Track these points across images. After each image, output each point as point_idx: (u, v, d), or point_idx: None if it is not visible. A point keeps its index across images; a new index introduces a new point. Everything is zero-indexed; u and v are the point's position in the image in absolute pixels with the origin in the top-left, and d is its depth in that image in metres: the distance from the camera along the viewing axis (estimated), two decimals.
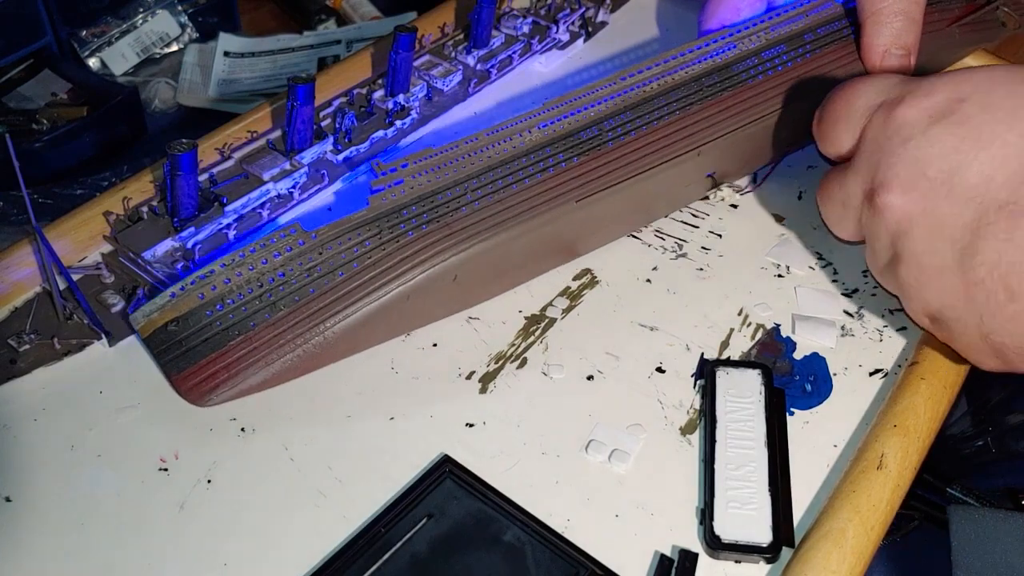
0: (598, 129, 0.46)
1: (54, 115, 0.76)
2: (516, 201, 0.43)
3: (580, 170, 0.44)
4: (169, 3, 0.90)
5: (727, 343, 0.44)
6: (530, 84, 0.60)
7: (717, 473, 0.37)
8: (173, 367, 0.39)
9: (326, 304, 0.40)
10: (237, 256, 0.40)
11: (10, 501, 0.37)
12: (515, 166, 0.44)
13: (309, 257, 0.40)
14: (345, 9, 0.98)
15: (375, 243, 0.41)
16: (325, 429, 0.40)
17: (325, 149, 0.52)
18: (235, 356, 0.39)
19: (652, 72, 0.48)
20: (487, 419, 0.40)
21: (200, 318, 0.39)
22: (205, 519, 0.37)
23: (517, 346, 0.44)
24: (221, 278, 0.40)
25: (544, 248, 0.45)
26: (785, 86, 0.48)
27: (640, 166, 0.45)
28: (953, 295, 0.36)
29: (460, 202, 0.43)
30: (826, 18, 0.51)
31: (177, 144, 0.44)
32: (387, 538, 0.35)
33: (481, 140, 0.45)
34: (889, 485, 0.37)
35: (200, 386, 0.39)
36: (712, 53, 0.49)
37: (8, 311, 0.44)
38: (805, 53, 0.50)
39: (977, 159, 0.35)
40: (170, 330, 0.39)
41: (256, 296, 0.40)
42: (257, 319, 0.39)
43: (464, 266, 0.42)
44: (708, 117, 0.47)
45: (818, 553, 0.35)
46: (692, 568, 0.35)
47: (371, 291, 0.40)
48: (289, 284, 0.40)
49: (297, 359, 0.40)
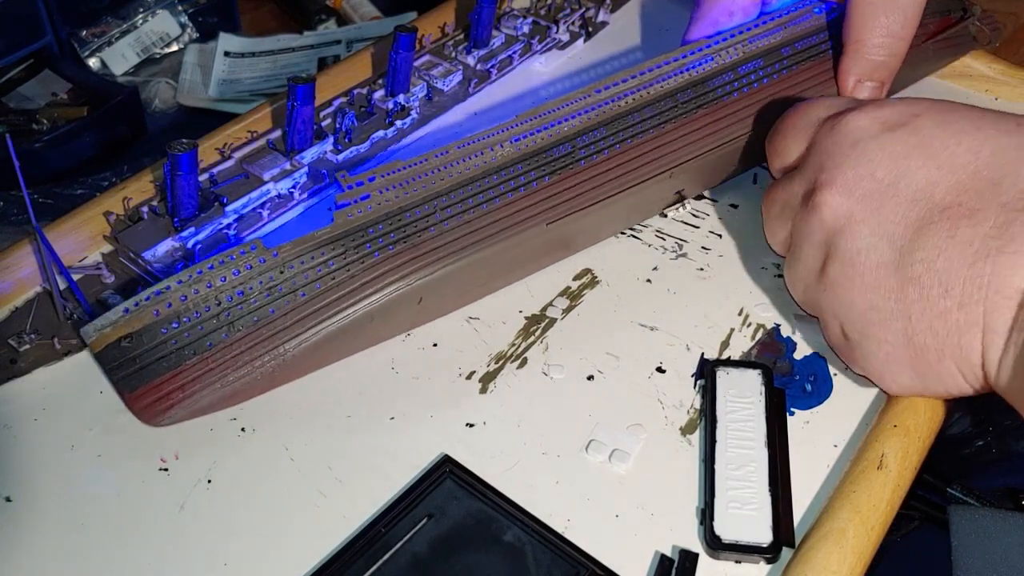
0: (571, 146, 0.45)
1: (54, 115, 0.76)
2: (486, 223, 0.42)
3: (551, 190, 0.44)
4: (169, 3, 0.90)
5: (727, 343, 0.44)
6: (530, 84, 0.60)
7: (717, 473, 0.37)
8: (126, 385, 0.38)
9: (287, 326, 0.39)
10: (195, 272, 0.39)
11: (10, 501, 0.37)
12: (485, 184, 0.43)
13: (270, 276, 0.39)
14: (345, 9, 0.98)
15: (339, 263, 0.40)
16: (325, 429, 0.40)
17: (325, 149, 0.52)
18: (191, 376, 0.38)
19: (627, 85, 0.47)
20: (487, 419, 0.40)
21: (155, 335, 0.38)
22: (205, 519, 0.37)
23: (517, 346, 0.44)
24: (177, 295, 0.38)
25: (512, 265, 0.45)
26: (759, 105, 0.48)
27: (612, 187, 0.45)
28: (884, 294, 0.36)
29: (428, 221, 0.42)
30: (805, 31, 0.51)
31: (177, 144, 0.44)
32: (387, 538, 0.35)
33: (452, 154, 0.44)
34: (889, 485, 0.37)
35: (154, 405, 0.38)
36: (689, 66, 0.49)
37: (8, 311, 0.44)
38: (782, 69, 0.49)
39: (925, 166, 0.36)
40: (123, 346, 0.38)
41: (214, 315, 0.39)
42: (214, 339, 0.38)
43: (430, 288, 0.41)
44: (682, 137, 0.46)
45: (818, 553, 0.35)
46: (692, 568, 0.35)
47: (333, 313, 0.40)
48: (248, 303, 0.39)
49: (255, 380, 0.39)
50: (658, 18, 0.65)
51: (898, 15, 0.47)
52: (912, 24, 0.47)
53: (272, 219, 0.48)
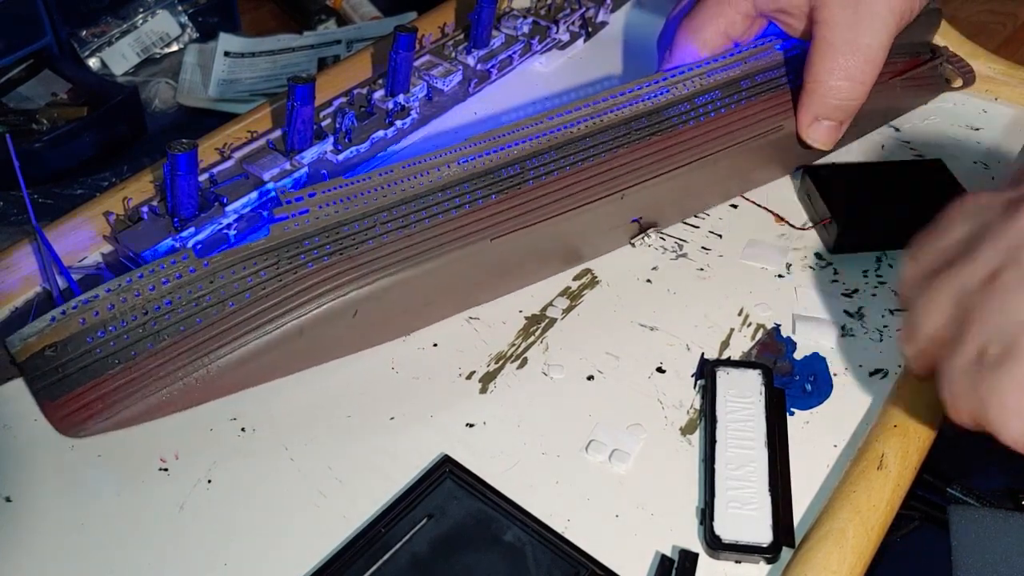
0: (519, 167, 0.44)
1: (54, 115, 0.77)
2: (427, 237, 0.41)
3: (497, 208, 0.42)
4: (169, 3, 0.90)
5: (727, 343, 0.44)
6: (530, 84, 0.60)
7: (717, 473, 0.37)
8: (46, 394, 0.37)
9: (212, 336, 0.38)
10: (123, 281, 0.38)
11: (10, 501, 0.37)
12: (429, 201, 0.42)
13: (199, 285, 0.39)
14: (345, 9, 0.98)
15: (271, 273, 0.39)
16: (325, 429, 0.40)
17: (325, 149, 0.52)
18: (112, 386, 0.37)
19: (581, 113, 0.47)
20: (487, 419, 0.40)
21: (80, 344, 0.37)
22: (205, 519, 0.37)
23: (517, 346, 0.44)
24: (105, 304, 0.38)
25: (455, 287, 0.43)
26: (716, 133, 0.47)
27: (560, 207, 0.43)
28: None
29: (367, 235, 0.41)
30: (764, 66, 0.51)
31: (177, 144, 0.44)
32: (387, 538, 0.35)
33: (396, 173, 0.43)
34: (889, 485, 0.37)
35: (72, 416, 0.37)
36: (644, 96, 0.48)
37: (8, 311, 0.44)
38: (740, 100, 0.49)
39: None
40: (47, 355, 0.37)
41: (140, 324, 0.38)
42: (139, 348, 0.37)
43: (366, 302, 0.40)
44: (634, 161, 0.45)
45: (818, 553, 0.35)
46: (692, 568, 0.35)
47: (261, 324, 0.38)
48: (175, 313, 0.38)
49: (177, 392, 0.38)
50: (658, 18, 0.65)
51: (858, 58, 0.46)
52: (872, 68, 0.47)
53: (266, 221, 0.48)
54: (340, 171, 0.51)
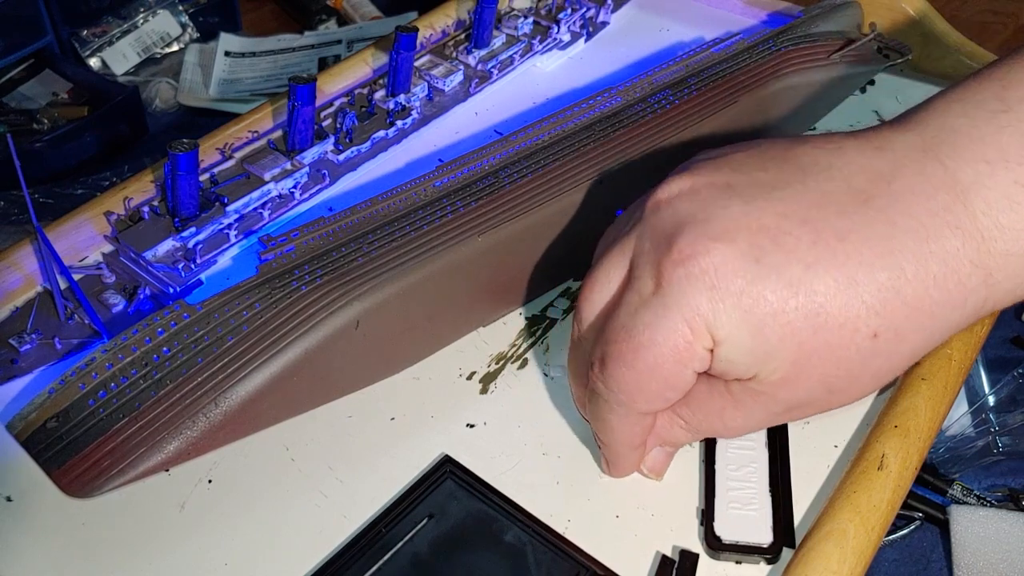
0: (494, 178, 0.45)
1: (55, 115, 0.77)
2: (415, 244, 0.41)
3: (480, 210, 0.43)
4: (170, 3, 0.90)
5: None
6: (531, 84, 0.60)
7: (718, 474, 0.37)
8: (53, 462, 0.36)
9: (214, 370, 0.37)
10: (119, 340, 0.38)
11: (10, 501, 0.37)
12: (413, 217, 0.43)
13: (195, 328, 0.38)
14: (346, 9, 0.98)
15: (265, 303, 0.39)
16: (326, 429, 0.40)
17: (326, 149, 0.52)
18: (120, 439, 0.36)
19: (544, 128, 0.49)
20: (488, 419, 0.40)
21: (82, 408, 0.37)
22: (206, 519, 0.37)
23: (518, 346, 0.44)
24: (103, 364, 0.37)
25: (456, 293, 0.43)
26: (676, 119, 0.49)
27: (541, 199, 0.44)
28: None
29: (356, 254, 0.41)
30: (706, 63, 0.54)
31: (178, 144, 0.44)
32: (388, 538, 0.35)
33: (375, 204, 0.44)
34: (890, 485, 0.37)
35: (82, 476, 0.36)
36: (600, 107, 0.50)
37: (9, 311, 0.44)
38: (691, 91, 0.51)
39: None
40: (49, 428, 0.37)
41: (141, 376, 0.37)
42: (142, 399, 0.37)
43: (367, 313, 0.39)
44: (605, 151, 0.47)
45: (819, 554, 0.35)
46: (693, 569, 0.35)
47: (264, 349, 0.38)
48: (176, 359, 0.38)
49: (191, 437, 0.37)
50: (659, 18, 0.65)
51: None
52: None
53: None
54: (341, 171, 0.51)
